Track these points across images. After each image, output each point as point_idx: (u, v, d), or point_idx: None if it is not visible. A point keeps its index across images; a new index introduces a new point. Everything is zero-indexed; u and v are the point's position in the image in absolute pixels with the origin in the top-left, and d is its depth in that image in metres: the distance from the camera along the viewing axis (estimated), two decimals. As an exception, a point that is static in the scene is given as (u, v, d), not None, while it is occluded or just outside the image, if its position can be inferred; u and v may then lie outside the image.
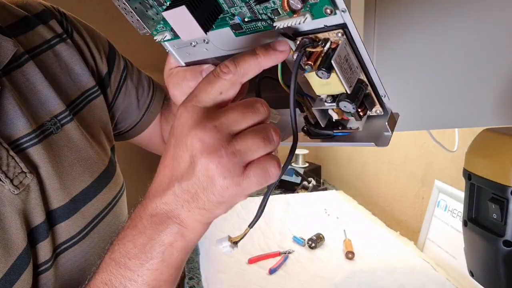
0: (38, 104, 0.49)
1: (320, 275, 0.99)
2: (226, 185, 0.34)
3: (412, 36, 0.50)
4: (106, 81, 0.61)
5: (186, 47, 0.43)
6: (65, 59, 0.55)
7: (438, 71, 0.52)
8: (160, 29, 0.41)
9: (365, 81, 0.36)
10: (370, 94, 0.37)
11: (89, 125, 0.55)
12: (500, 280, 0.51)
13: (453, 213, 1.03)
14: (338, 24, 0.33)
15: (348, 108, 0.36)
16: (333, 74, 0.34)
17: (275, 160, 0.36)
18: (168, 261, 0.37)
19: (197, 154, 0.34)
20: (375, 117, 0.39)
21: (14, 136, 0.46)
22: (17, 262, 0.43)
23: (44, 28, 0.54)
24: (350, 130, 0.39)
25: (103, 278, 0.39)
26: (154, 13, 0.39)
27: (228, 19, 0.37)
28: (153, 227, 0.37)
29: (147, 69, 0.72)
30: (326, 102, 0.37)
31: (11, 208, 0.44)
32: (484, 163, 0.52)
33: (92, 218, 0.52)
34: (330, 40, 0.34)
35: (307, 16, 0.33)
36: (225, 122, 0.34)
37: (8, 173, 0.43)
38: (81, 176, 0.51)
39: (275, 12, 0.34)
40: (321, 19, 0.33)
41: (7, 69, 0.48)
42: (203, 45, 0.42)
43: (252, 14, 0.36)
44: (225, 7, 0.36)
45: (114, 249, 0.39)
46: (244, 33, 0.38)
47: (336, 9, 0.31)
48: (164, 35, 0.41)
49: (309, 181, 1.66)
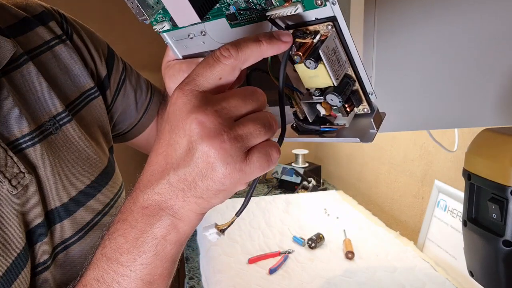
0: (37, 104, 0.49)
1: (320, 275, 1.00)
2: (228, 172, 0.32)
3: (412, 35, 0.50)
4: (106, 83, 0.61)
5: (184, 39, 0.43)
6: (64, 60, 0.55)
7: (438, 71, 0.52)
8: (160, 19, 0.42)
9: (353, 77, 0.37)
10: (357, 91, 0.38)
11: (88, 125, 0.55)
12: (499, 280, 0.51)
13: (452, 213, 1.03)
14: (329, 17, 0.34)
15: (335, 102, 0.35)
16: (321, 65, 0.34)
17: (275, 145, 0.35)
18: (161, 254, 0.36)
19: (196, 139, 0.32)
20: (362, 116, 0.39)
21: (13, 136, 0.46)
22: (16, 262, 0.43)
23: (43, 29, 0.54)
24: (337, 126, 0.39)
25: (95, 274, 0.38)
26: (155, 2, 0.40)
27: (224, 9, 0.38)
28: (144, 220, 0.35)
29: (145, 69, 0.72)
30: (314, 96, 0.37)
31: (9, 208, 0.44)
32: (484, 163, 0.52)
33: (91, 218, 0.52)
34: (320, 32, 0.35)
35: (298, 7, 0.33)
36: (226, 106, 0.33)
37: (6, 173, 0.43)
38: (80, 176, 0.51)
39: (268, 2, 0.35)
40: (312, 11, 0.34)
41: (6, 70, 0.48)
42: (200, 38, 0.42)
43: (246, 4, 0.36)
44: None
45: (105, 244, 0.38)
46: (239, 24, 0.39)
47: (327, 0, 0.32)
48: (163, 25, 0.42)
49: (309, 181, 1.66)
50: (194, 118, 0.32)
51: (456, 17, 0.50)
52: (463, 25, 0.50)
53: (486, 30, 0.51)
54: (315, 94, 0.37)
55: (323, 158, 1.98)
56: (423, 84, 0.52)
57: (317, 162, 1.88)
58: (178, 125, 0.33)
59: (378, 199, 1.48)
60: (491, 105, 0.54)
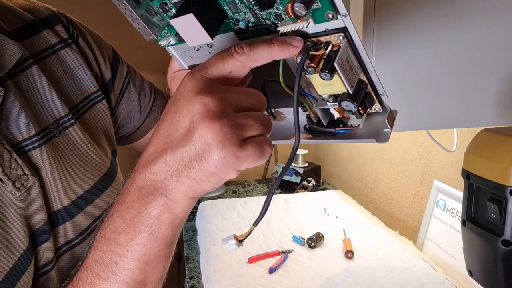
0: (42, 107, 0.50)
1: (320, 274, 1.00)
2: (223, 155, 0.33)
3: (411, 36, 0.50)
4: (110, 87, 0.61)
5: (190, 50, 0.44)
6: (69, 64, 0.55)
7: (437, 71, 0.52)
8: (165, 34, 0.42)
9: (365, 80, 0.37)
10: (370, 93, 0.38)
11: (92, 128, 0.56)
12: (498, 279, 0.51)
13: (452, 212, 1.04)
14: (339, 28, 0.34)
15: (350, 107, 0.37)
16: (336, 75, 0.35)
17: (269, 141, 0.36)
18: (156, 235, 0.37)
19: (198, 119, 0.33)
20: (374, 115, 0.40)
21: (17, 139, 0.46)
22: (18, 263, 0.44)
23: (49, 33, 0.54)
24: (351, 127, 0.40)
25: (95, 256, 0.38)
26: (159, 19, 0.40)
27: (232, 24, 0.38)
28: (140, 200, 0.36)
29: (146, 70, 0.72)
30: (328, 102, 0.38)
31: (12, 209, 0.44)
32: (483, 163, 0.52)
33: (93, 220, 0.53)
34: (331, 43, 0.35)
35: (309, 21, 0.34)
36: (231, 96, 0.35)
37: (10, 175, 0.44)
38: (83, 178, 0.52)
39: (279, 17, 0.36)
40: (323, 24, 0.34)
41: (12, 73, 0.48)
42: (206, 49, 0.43)
43: (256, 20, 0.37)
44: (229, 13, 0.37)
45: (104, 225, 0.39)
46: (247, 37, 0.39)
47: (338, 14, 0.33)
48: (169, 40, 0.42)
49: (309, 181, 1.66)
50: (199, 99, 0.34)
51: (454, 18, 0.50)
52: (462, 25, 0.51)
53: (485, 29, 0.51)
54: (329, 100, 0.38)
55: (323, 158, 1.98)
56: (422, 84, 0.52)
57: (317, 162, 1.88)
58: (184, 105, 0.34)
59: (378, 199, 1.48)
60: (490, 105, 0.54)
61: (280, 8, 0.35)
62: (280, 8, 0.35)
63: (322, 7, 0.33)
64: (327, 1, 0.32)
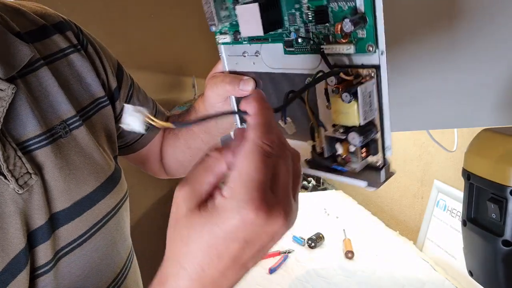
0: (49, 108, 0.50)
1: (320, 274, 1.00)
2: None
3: (411, 35, 0.50)
4: (116, 94, 0.63)
5: (237, 56, 0.47)
6: (78, 68, 0.56)
7: (437, 71, 0.52)
8: (224, 31, 0.46)
9: (377, 126, 0.39)
10: (377, 141, 0.40)
11: (97, 132, 0.57)
12: (499, 280, 0.51)
13: (452, 213, 1.04)
14: (373, 65, 0.37)
15: (355, 141, 0.38)
16: (354, 102, 0.37)
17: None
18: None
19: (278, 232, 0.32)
20: (372, 167, 0.41)
21: (23, 137, 0.46)
22: (13, 262, 0.43)
23: (60, 37, 0.56)
24: (348, 167, 0.41)
25: None
26: (226, 16, 0.43)
27: (285, 35, 0.42)
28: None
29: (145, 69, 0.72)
30: (338, 132, 0.40)
31: (13, 207, 0.44)
32: (483, 163, 0.52)
33: (95, 223, 0.53)
34: (361, 75, 0.38)
35: (351, 47, 0.37)
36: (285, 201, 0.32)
37: (14, 172, 0.44)
38: (87, 180, 0.52)
39: (326, 39, 0.39)
40: (361, 55, 0.37)
41: (22, 73, 0.49)
42: (252, 58, 0.46)
43: (306, 33, 0.40)
44: (286, 24, 0.41)
45: None
46: (293, 53, 0.42)
47: (377, 48, 0.36)
48: (225, 37, 0.46)
49: (309, 181, 1.66)
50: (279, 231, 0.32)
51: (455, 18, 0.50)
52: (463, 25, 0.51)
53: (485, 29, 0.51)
54: (339, 130, 0.40)
55: (323, 158, 1.98)
56: (422, 84, 0.52)
57: (317, 162, 1.88)
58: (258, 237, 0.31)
59: (378, 199, 1.48)
60: (490, 105, 0.54)
61: (330, 29, 0.38)
62: (330, 29, 0.38)
63: (366, 37, 0.36)
64: (372, 34, 0.35)
